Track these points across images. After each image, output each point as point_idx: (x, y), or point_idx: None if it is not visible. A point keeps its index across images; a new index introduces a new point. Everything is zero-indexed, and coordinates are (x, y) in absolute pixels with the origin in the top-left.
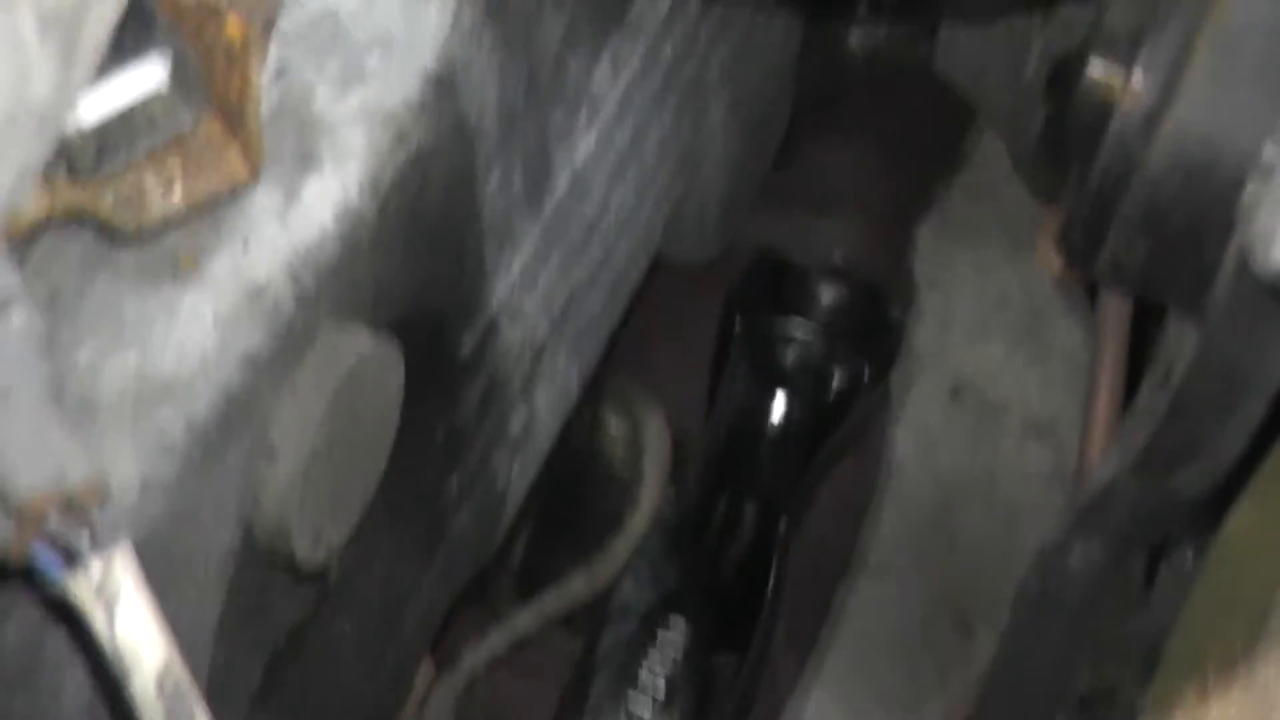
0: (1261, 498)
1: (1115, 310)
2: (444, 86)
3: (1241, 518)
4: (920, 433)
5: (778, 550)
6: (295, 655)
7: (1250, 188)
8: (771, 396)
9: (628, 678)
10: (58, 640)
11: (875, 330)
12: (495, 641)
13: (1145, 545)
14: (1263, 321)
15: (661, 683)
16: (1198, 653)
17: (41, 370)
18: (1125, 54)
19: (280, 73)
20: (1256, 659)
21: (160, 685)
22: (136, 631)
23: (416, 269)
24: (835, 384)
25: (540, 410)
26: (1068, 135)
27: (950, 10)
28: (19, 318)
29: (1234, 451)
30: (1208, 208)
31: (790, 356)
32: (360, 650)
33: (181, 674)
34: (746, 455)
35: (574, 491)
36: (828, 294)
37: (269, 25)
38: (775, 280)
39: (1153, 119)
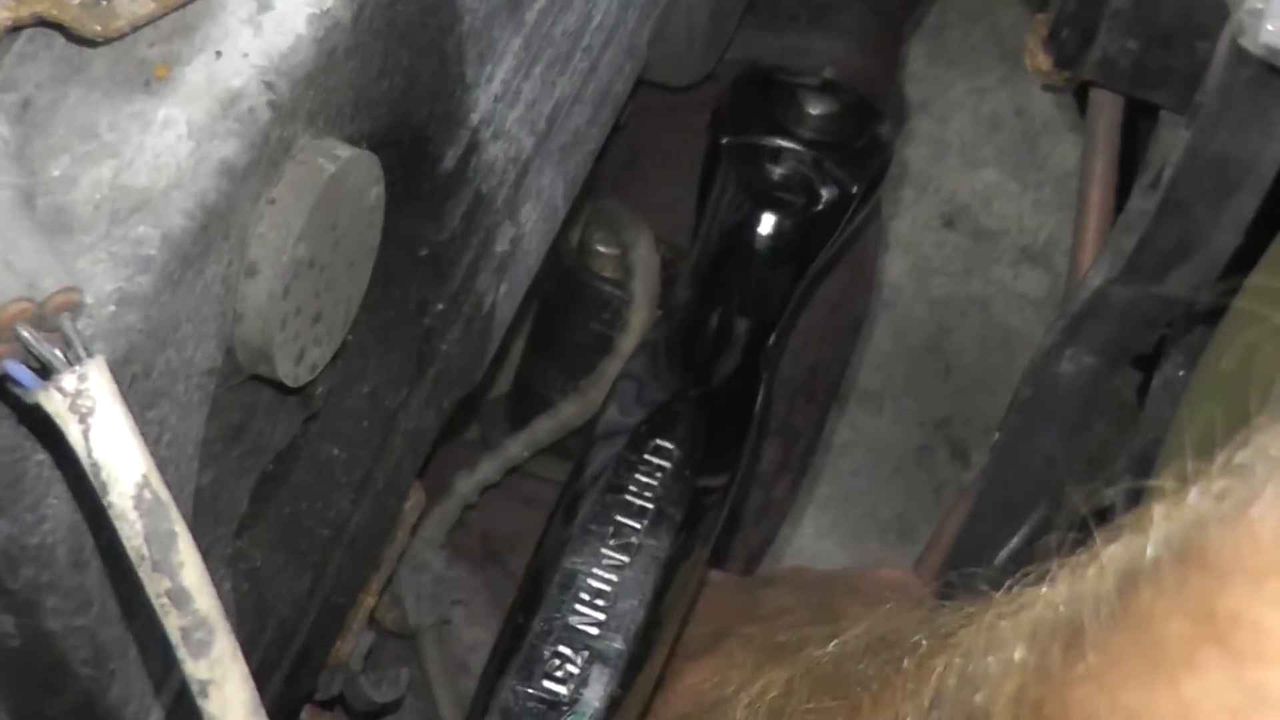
0: (1254, 299)
1: (1105, 117)
2: None
3: (1232, 324)
4: (914, 259)
5: (766, 368)
6: (283, 478)
7: None
8: (759, 212)
9: (615, 498)
10: (38, 461)
11: (865, 145)
12: (487, 469)
13: (1136, 354)
14: (1255, 109)
15: (649, 501)
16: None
17: (13, 177)
18: None
19: None
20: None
21: (138, 499)
22: (113, 445)
23: (395, 78)
24: (824, 199)
25: (526, 227)
26: None
27: None
28: None
29: (1227, 248)
30: (1197, 2)
31: (778, 172)
32: (348, 472)
33: (160, 488)
34: (734, 272)
35: (563, 315)
36: (816, 108)
37: None
38: (762, 96)
39: None
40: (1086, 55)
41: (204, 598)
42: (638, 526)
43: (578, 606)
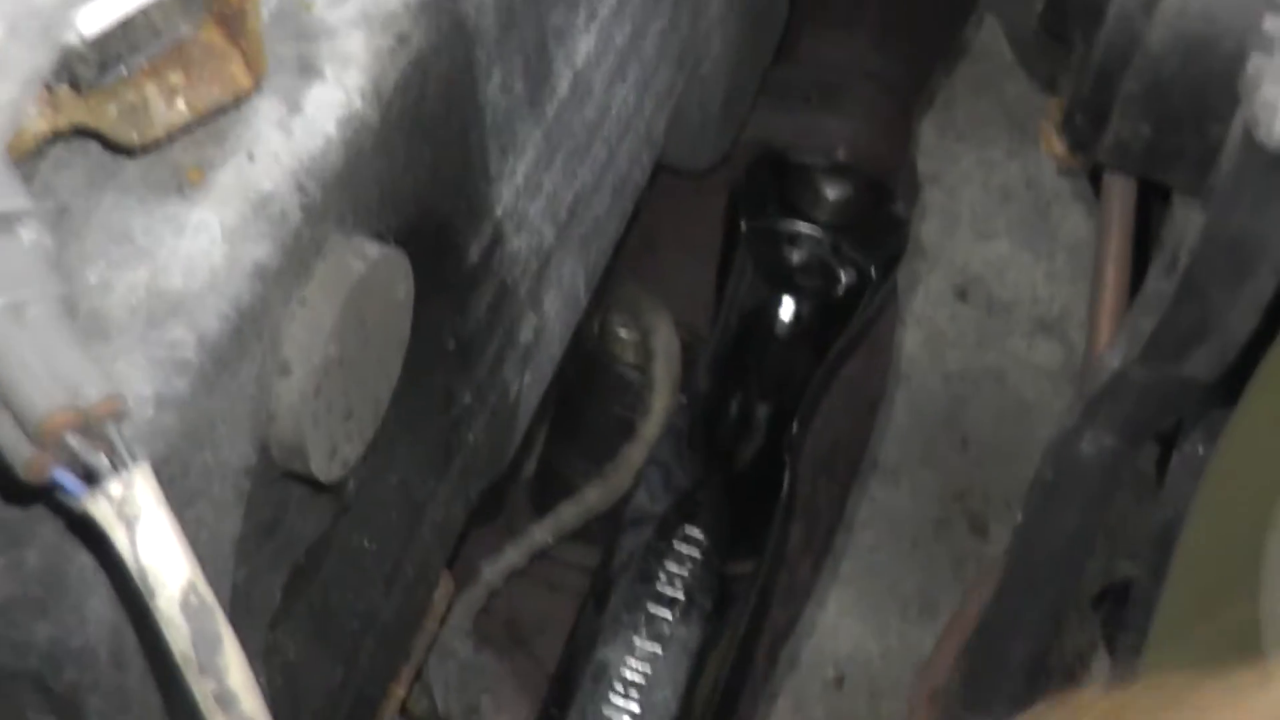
0: (1273, 378)
1: (1119, 198)
2: None
3: (1253, 402)
4: (928, 331)
5: (790, 451)
6: (315, 571)
7: (1253, 60)
8: (779, 296)
9: (646, 587)
10: (81, 564)
11: (881, 226)
12: (512, 556)
13: (1156, 433)
14: (1269, 194)
15: (680, 590)
16: (1211, 544)
17: (54, 286)
18: None
19: None
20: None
21: (185, 603)
22: (159, 550)
23: (421, 174)
24: (843, 282)
25: (549, 317)
26: (1069, 15)
27: None
28: (29, 233)
29: (1245, 330)
30: (1210, 83)
31: (796, 256)
32: (379, 564)
33: (206, 592)
34: (755, 356)
35: (585, 400)
36: (832, 191)
37: None
38: (778, 179)
39: None
40: (1100, 139)
41: (250, 699)
42: (669, 616)
43: (611, 697)
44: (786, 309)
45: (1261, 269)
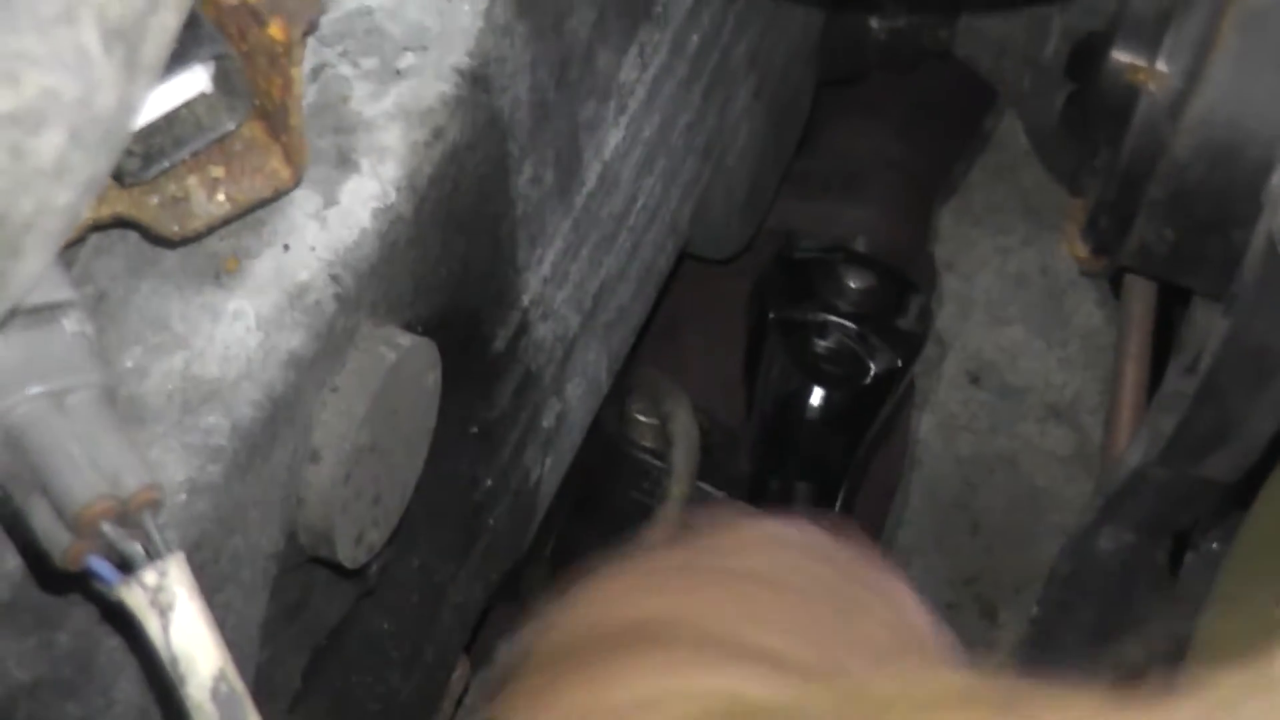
0: None
1: (1140, 298)
2: (478, 81)
3: (1269, 502)
4: (941, 416)
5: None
6: (336, 653)
7: (1278, 172)
8: (810, 385)
9: None
10: (110, 647)
11: (905, 315)
12: (529, 637)
13: (1173, 530)
14: None
15: None
16: (1225, 637)
17: (95, 375)
18: (1150, 38)
19: (317, 72)
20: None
21: (214, 691)
22: (191, 638)
23: (452, 265)
24: (872, 370)
25: (572, 403)
26: (1091, 117)
27: (969, 4)
28: (72, 323)
29: (1265, 434)
30: (1235, 190)
31: (824, 345)
32: (399, 646)
33: (235, 680)
34: (790, 442)
35: (604, 484)
36: (856, 282)
37: (311, 28)
38: (803, 270)
39: (1179, 103)
40: (1124, 243)
41: None
42: None
43: None
44: (817, 397)
45: None
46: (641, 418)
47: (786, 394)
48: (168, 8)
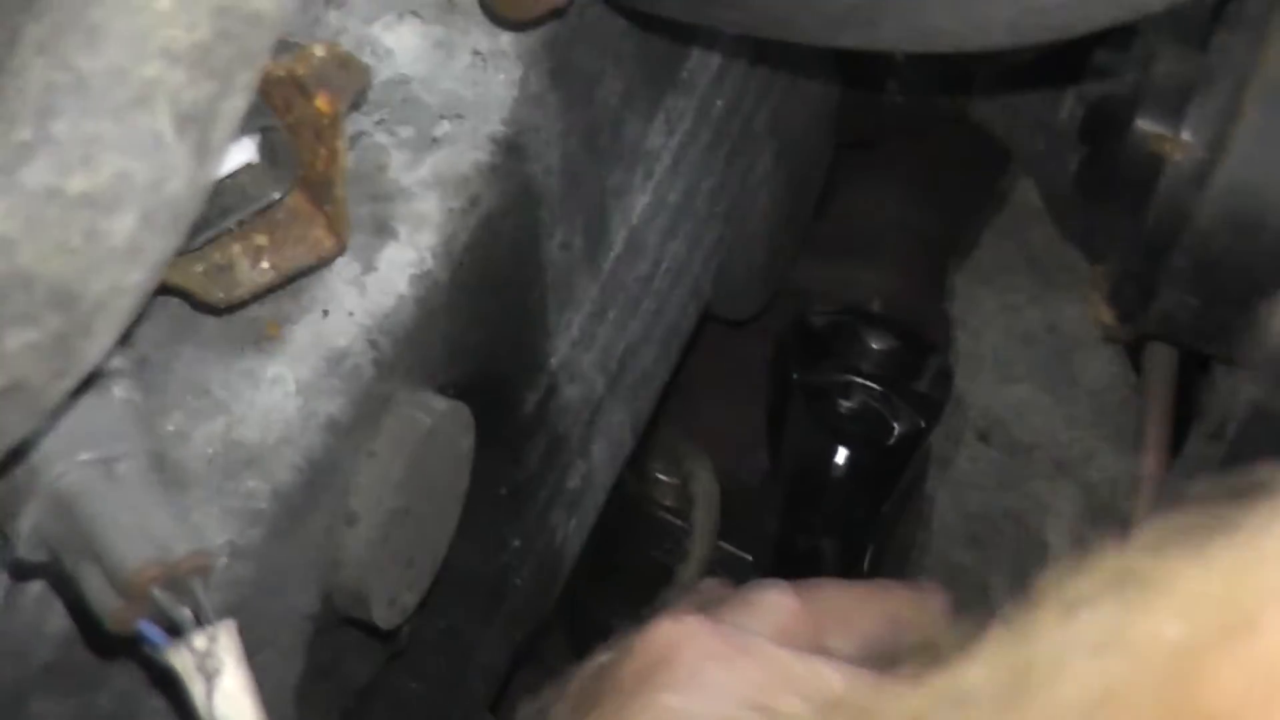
0: None
1: (1163, 364)
2: (513, 150)
3: None
4: (950, 473)
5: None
6: (364, 715)
7: None
8: (834, 445)
9: None
10: (150, 709)
11: (926, 376)
12: (549, 698)
13: None
14: None
15: None
16: None
17: (143, 442)
18: (1175, 108)
19: (355, 140)
20: None
21: None
22: (235, 704)
23: (484, 330)
24: (896, 430)
25: (596, 464)
26: (1112, 184)
27: (980, 86)
28: (121, 391)
29: None
30: (1259, 259)
31: (847, 406)
32: (425, 708)
33: None
34: (816, 502)
35: (624, 542)
36: (878, 344)
37: (358, 101)
38: (825, 332)
39: (1203, 173)
40: (1148, 310)
41: None
42: None
43: None
44: (842, 456)
45: None
46: (662, 477)
47: (812, 454)
48: (237, 92)
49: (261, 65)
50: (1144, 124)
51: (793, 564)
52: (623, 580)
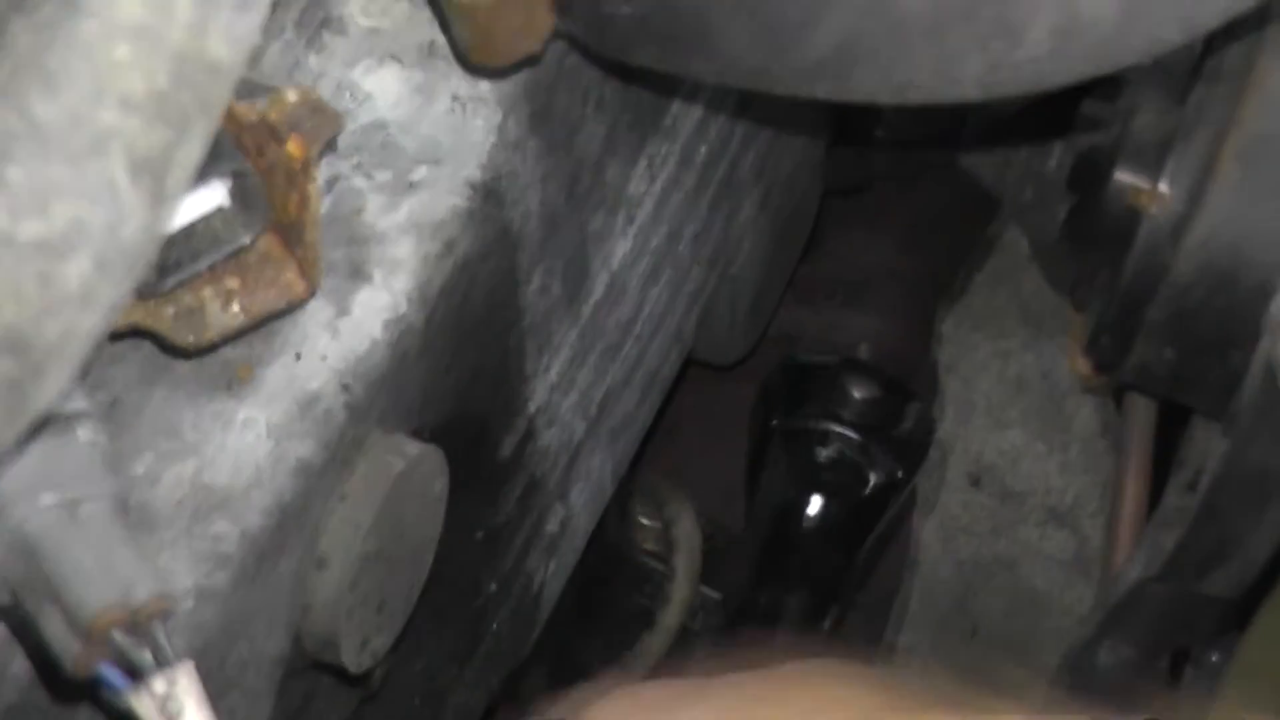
0: None
1: (1141, 415)
2: (490, 195)
3: (1271, 615)
4: (941, 518)
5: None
6: None
7: (1277, 300)
8: (808, 495)
9: None
10: None
11: (907, 426)
12: None
13: (1173, 647)
14: None
15: None
16: None
17: (107, 485)
18: (1153, 161)
19: (331, 183)
20: None
21: None
22: None
23: (460, 374)
24: (872, 480)
25: (576, 508)
26: (1092, 235)
27: (970, 135)
28: (85, 433)
29: (1265, 553)
30: (1235, 314)
31: (825, 454)
32: None
33: None
34: (785, 552)
35: (605, 588)
36: (860, 392)
37: (329, 147)
38: (807, 378)
39: (1180, 226)
40: (1125, 361)
41: None
42: None
43: None
44: (815, 506)
45: None
46: (644, 521)
47: (785, 502)
48: (194, 140)
49: (219, 113)
50: (1123, 176)
51: (752, 618)
52: (604, 623)
